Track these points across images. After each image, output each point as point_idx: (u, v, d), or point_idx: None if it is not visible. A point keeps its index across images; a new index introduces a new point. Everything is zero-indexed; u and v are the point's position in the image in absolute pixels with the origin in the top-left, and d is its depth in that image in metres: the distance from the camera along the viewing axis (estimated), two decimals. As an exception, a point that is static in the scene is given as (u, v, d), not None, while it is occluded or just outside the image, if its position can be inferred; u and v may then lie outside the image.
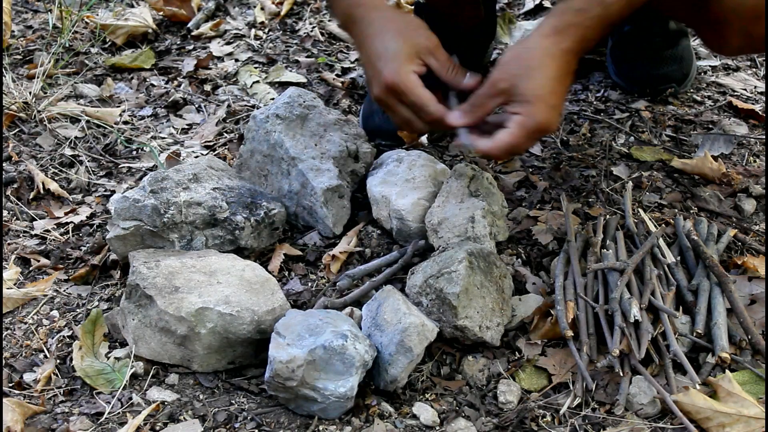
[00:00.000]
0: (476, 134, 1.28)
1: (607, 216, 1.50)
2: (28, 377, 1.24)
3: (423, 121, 1.30)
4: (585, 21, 1.22)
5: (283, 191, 1.52)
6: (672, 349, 1.20)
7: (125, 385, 1.21)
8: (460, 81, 1.32)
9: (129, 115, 1.89)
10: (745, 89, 1.96)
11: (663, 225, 1.49)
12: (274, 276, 1.37)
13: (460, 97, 1.32)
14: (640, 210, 1.51)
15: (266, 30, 2.27)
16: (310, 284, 1.42)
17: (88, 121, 1.83)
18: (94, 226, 1.56)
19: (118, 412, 1.17)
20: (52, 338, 1.32)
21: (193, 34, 2.24)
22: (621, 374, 1.19)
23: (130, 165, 1.73)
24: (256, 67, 2.08)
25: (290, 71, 2.05)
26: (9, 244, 1.50)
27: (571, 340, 1.23)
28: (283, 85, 1.99)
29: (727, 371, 1.19)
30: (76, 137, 1.79)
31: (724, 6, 1.31)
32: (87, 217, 1.57)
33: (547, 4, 2.31)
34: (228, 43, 2.20)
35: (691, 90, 1.95)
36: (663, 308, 1.25)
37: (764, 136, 1.78)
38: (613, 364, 1.19)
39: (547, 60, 1.22)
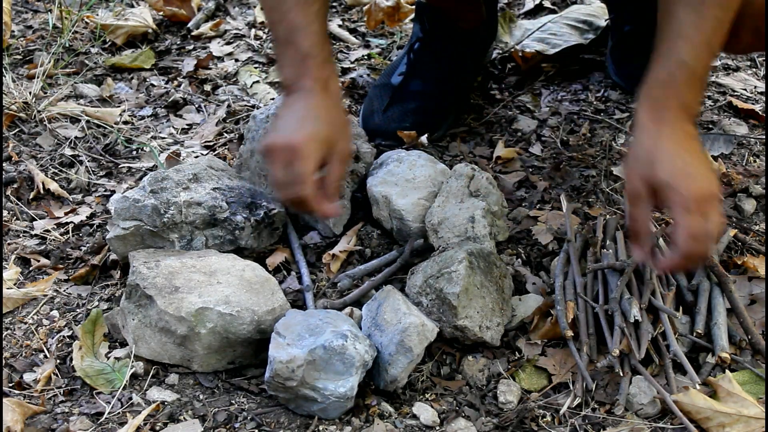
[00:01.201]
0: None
1: (607, 216, 1.50)
2: (28, 377, 1.24)
3: (288, 192, 1.27)
4: (675, 90, 1.18)
5: None
6: (672, 349, 1.20)
7: (125, 385, 1.22)
8: (331, 199, 1.29)
9: (129, 115, 1.89)
10: (745, 89, 1.96)
11: (663, 225, 1.48)
12: (270, 272, 1.37)
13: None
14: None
15: (266, 30, 2.27)
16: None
17: (88, 121, 1.83)
18: (94, 226, 1.56)
19: (118, 412, 1.17)
20: (52, 338, 1.32)
21: (193, 34, 2.24)
22: (621, 374, 1.19)
23: (130, 165, 1.73)
24: (256, 67, 2.08)
25: (290, 71, 2.05)
26: (9, 244, 1.50)
27: (571, 340, 1.23)
28: (283, 85, 1.99)
29: (727, 371, 1.19)
30: (76, 137, 1.79)
31: None
32: (87, 217, 1.57)
33: (547, 3, 2.31)
34: (228, 43, 2.20)
35: (691, 90, 1.95)
36: (663, 308, 1.25)
37: (764, 136, 1.78)
38: (613, 364, 1.19)
39: (661, 141, 1.17)
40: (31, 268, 1.46)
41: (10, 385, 1.22)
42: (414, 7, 1.90)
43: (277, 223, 1.46)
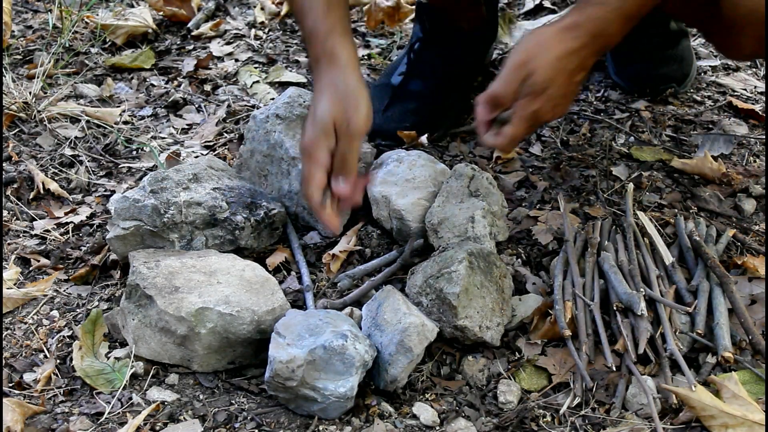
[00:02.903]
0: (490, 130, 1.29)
1: (607, 216, 1.50)
2: (28, 377, 1.24)
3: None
4: (604, 14, 1.21)
5: (283, 191, 1.52)
6: (669, 349, 1.20)
7: (125, 385, 1.21)
8: (339, 178, 1.25)
9: (129, 115, 1.89)
10: (745, 89, 1.96)
11: (662, 224, 1.49)
12: (270, 272, 1.37)
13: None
14: (638, 212, 1.51)
15: (266, 30, 2.27)
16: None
17: (88, 121, 1.83)
18: (94, 226, 1.56)
19: (118, 412, 1.17)
20: (52, 338, 1.31)
21: (193, 34, 2.24)
22: (620, 374, 1.19)
23: (130, 165, 1.73)
24: (256, 67, 2.08)
25: (290, 71, 2.05)
26: (9, 244, 1.50)
27: (570, 339, 1.23)
28: (283, 85, 1.99)
29: (734, 373, 1.19)
30: (76, 137, 1.79)
31: (737, 12, 1.31)
32: (87, 217, 1.57)
33: (547, 3, 2.31)
34: (228, 43, 2.20)
35: (691, 90, 1.95)
36: (668, 303, 1.25)
37: (764, 136, 1.78)
38: (612, 364, 1.19)
39: (557, 46, 1.22)
40: (31, 268, 1.46)
41: (10, 385, 1.22)
42: (414, 7, 1.90)
43: (277, 223, 1.46)
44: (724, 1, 1.31)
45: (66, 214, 1.59)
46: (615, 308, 1.26)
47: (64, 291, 1.42)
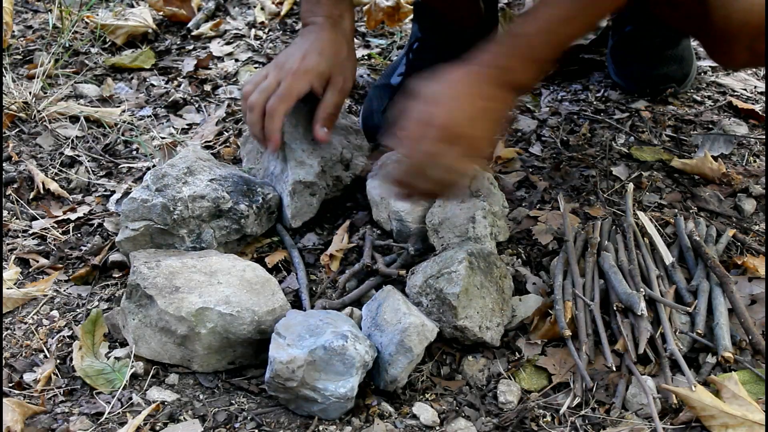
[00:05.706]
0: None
1: (607, 216, 1.50)
2: (28, 377, 1.24)
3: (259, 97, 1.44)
4: (496, 48, 1.29)
5: (268, 172, 1.55)
6: (669, 349, 1.20)
7: (125, 385, 1.22)
8: (321, 123, 1.47)
9: (129, 115, 1.89)
10: (745, 89, 1.96)
11: (662, 224, 1.49)
12: (269, 270, 1.37)
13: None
14: (638, 212, 1.51)
15: (266, 30, 2.27)
16: (312, 285, 1.41)
17: (88, 121, 1.83)
18: (94, 225, 1.56)
19: (118, 412, 1.17)
20: (52, 338, 1.32)
21: (193, 34, 2.24)
22: (620, 374, 1.19)
23: (130, 165, 1.73)
24: (256, 67, 2.08)
25: (290, 71, 2.05)
26: (9, 244, 1.50)
27: (570, 339, 1.23)
28: (283, 85, 1.99)
29: (734, 373, 1.19)
30: (76, 137, 1.79)
31: (729, 25, 1.31)
32: (87, 217, 1.57)
33: (547, 4, 2.30)
34: (228, 43, 2.20)
35: (691, 90, 1.95)
36: (668, 303, 1.25)
37: (764, 136, 1.78)
38: (612, 364, 1.19)
39: (442, 76, 1.31)
40: (31, 268, 1.46)
41: (10, 385, 1.22)
42: (412, 6, 1.90)
43: (273, 207, 1.49)
44: (716, 14, 1.31)
45: (65, 212, 1.59)
46: (615, 308, 1.26)
47: (64, 291, 1.42)
